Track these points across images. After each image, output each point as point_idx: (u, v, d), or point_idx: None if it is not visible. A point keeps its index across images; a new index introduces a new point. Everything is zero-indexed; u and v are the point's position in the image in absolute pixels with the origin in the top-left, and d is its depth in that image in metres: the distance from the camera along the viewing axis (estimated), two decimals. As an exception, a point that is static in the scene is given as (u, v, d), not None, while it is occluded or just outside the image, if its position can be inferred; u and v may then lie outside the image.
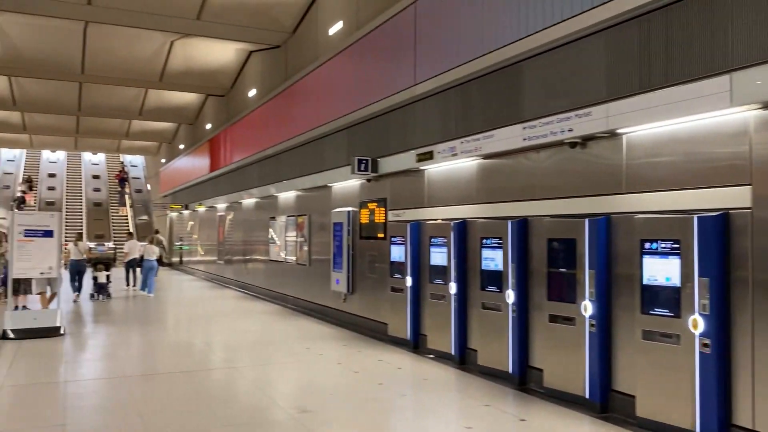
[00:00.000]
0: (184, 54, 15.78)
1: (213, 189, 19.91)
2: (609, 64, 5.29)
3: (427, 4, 7.75)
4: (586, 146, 5.63)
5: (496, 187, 6.84)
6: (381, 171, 9.08)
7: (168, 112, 22.40)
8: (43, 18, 12.56)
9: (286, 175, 13.07)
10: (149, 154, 33.53)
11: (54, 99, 20.25)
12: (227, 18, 12.45)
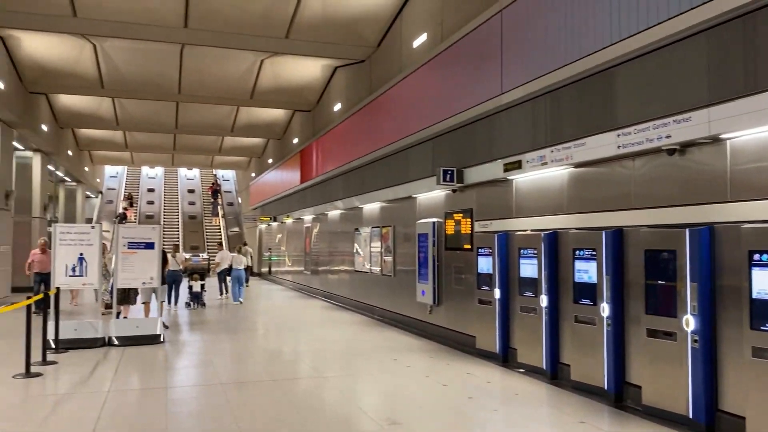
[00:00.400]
0: (273, 72, 16.31)
1: (300, 201, 20.40)
2: (710, 66, 5.03)
3: (513, 12, 7.65)
4: (686, 153, 5.36)
5: (588, 196, 6.64)
6: (466, 181, 9.01)
7: (258, 128, 23.19)
8: (143, 42, 13.33)
9: (370, 187, 13.21)
10: (240, 168, 34.82)
11: (153, 118, 21.42)
12: (314, 35, 12.77)
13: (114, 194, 38.02)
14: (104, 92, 17.06)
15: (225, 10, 11.60)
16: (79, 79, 16.04)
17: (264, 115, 21.81)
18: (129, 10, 11.47)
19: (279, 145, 24.72)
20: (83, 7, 11.23)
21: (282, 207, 23.23)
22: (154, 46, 13.95)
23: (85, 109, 20.41)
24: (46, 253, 12.88)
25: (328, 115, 17.25)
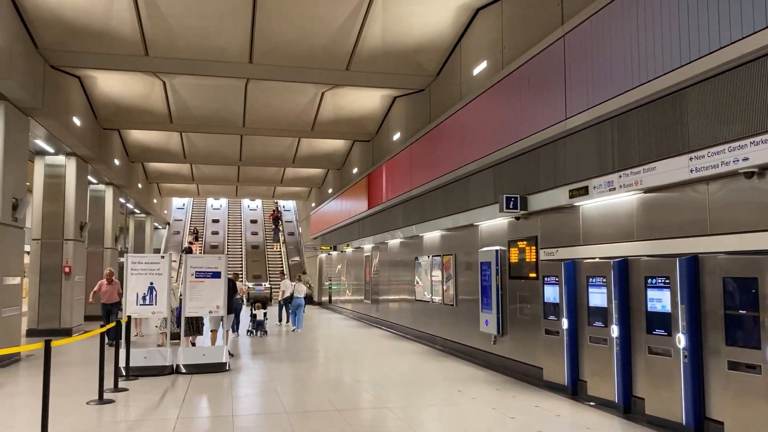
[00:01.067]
0: (333, 103, 16.60)
1: (360, 230, 20.53)
2: (790, 84, 4.82)
3: (576, 37, 7.56)
4: (765, 176, 5.12)
5: (660, 222, 6.41)
6: (530, 208, 8.87)
7: (318, 158, 23.58)
8: (210, 78, 13.82)
9: (430, 215, 13.17)
10: (300, 198, 35.41)
11: (218, 151, 22.09)
12: (374, 67, 12.95)
13: (180, 225, 39.27)
14: (173, 127, 17.72)
15: (288, 45, 11.93)
16: (149, 115, 16.74)
17: (324, 145, 22.18)
18: (198, 47, 11.93)
19: (339, 174, 25.04)
20: (155, 46, 11.76)
21: (342, 236, 23.42)
22: (221, 82, 14.44)
23: (154, 144, 21.26)
24: (112, 283, 13.32)
25: (388, 145, 17.39)
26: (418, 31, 11.56)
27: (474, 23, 11.21)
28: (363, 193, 19.36)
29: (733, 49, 5.16)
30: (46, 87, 11.85)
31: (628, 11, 6.54)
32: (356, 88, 15.01)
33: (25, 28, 10.67)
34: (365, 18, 10.94)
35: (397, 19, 11.10)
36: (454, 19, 11.17)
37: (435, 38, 11.85)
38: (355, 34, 11.54)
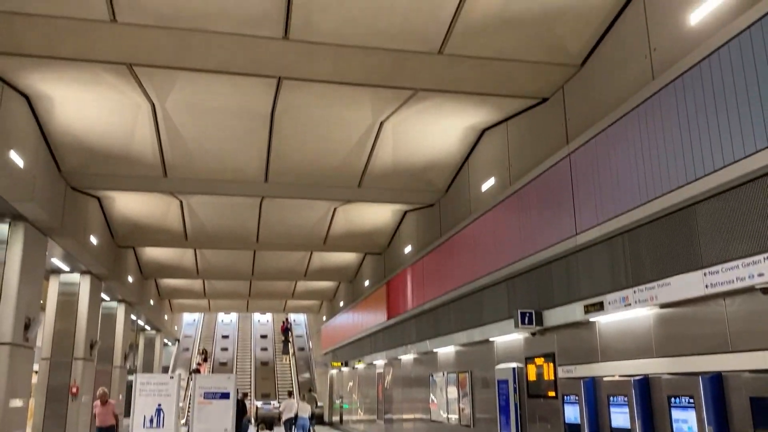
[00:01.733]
0: (345, 218, 16.90)
1: (371, 345, 20.18)
2: (797, 201, 4.89)
3: (582, 155, 7.79)
4: (783, 291, 5.08)
5: (678, 338, 6.28)
6: (546, 324, 8.75)
7: (330, 272, 23.65)
8: (226, 197, 14.21)
9: (444, 330, 12.99)
10: (311, 312, 35.15)
11: (231, 266, 22.25)
12: (385, 184, 13.30)
13: (190, 342, 38.82)
14: (188, 244, 17.98)
15: (302, 165, 12.34)
16: (165, 233, 17.05)
17: (336, 258, 22.32)
18: (215, 169, 12.36)
19: (350, 288, 25.00)
20: (174, 168, 12.20)
21: (354, 351, 23.00)
22: (236, 200, 14.82)
23: (168, 261, 21.48)
24: (106, 404, 12.91)
25: (399, 258, 17.48)
26: (427, 150, 11.96)
27: (480, 143, 11.61)
28: (375, 307, 19.22)
29: (741, 166, 5.28)
30: (66, 207, 12.20)
31: (631, 131, 6.78)
32: (368, 204, 15.33)
33: (50, 153, 11.15)
34: (376, 139, 11.37)
35: (406, 140, 11.52)
36: (461, 139, 11.57)
37: (443, 157, 12.23)
38: (367, 154, 11.94)
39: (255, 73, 8.85)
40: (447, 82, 9.07)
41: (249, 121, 10.72)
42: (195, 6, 7.31)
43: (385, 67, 8.59)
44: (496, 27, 7.68)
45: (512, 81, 8.92)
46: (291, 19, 7.45)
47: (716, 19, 5.80)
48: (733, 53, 5.40)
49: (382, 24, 7.66)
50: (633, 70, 7.09)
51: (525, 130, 9.93)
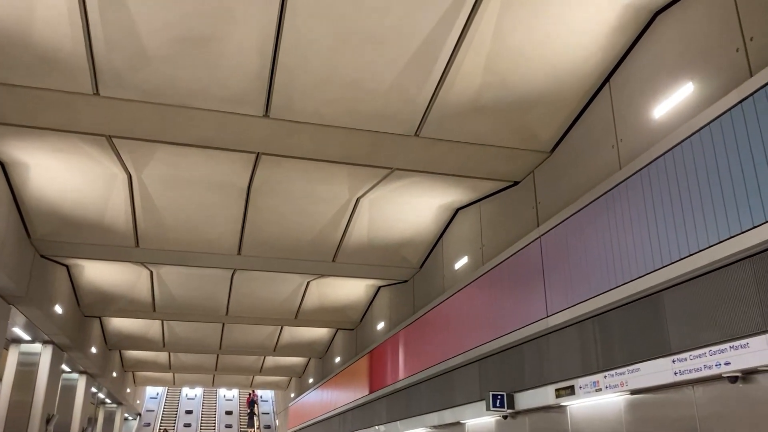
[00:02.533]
0: (318, 292, 16.78)
1: (340, 425, 19.62)
2: (761, 291, 5.02)
3: (552, 238, 7.96)
4: (749, 381, 5.14)
5: (649, 424, 6.26)
6: (518, 407, 8.66)
7: (300, 347, 23.23)
8: (197, 268, 14.06)
9: (415, 410, 12.73)
10: (279, 388, 34.21)
11: (199, 339, 21.75)
12: (359, 259, 13.33)
13: (152, 416, 37.30)
14: (156, 315, 17.61)
15: (277, 238, 12.35)
16: (133, 303, 16.70)
17: (307, 334, 21.97)
18: (188, 240, 12.30)
19: (321, 364, 24.50)
20: (146, 238, 12.11)
21: (323, 431, 22.31)
22: (207, 272, 14.66)
23: (134, 332, 20.94)
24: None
25: (371, 334, 17.29)
26: (402, 227, 12.09)
27: (454, 221, 11.79)
28: (345, 385, 18.82)
29: (706, 255, 5.43)
30: (32, 275, 11.95)
31: (600, 217, 6.97)
32: (342, 278, 15.28)
33: (21, 219, 11.02)
34: (352, 215, 11.49)
35: (382, 216, 11.66)
36: (436, 218, 11.75)
37: (418, 234, 12.36)
38: (342, 229, 12.03)
39: (234, 148, 8.98)
40: (423, 162, 9.29)
41: (225, 194, 10.78)
42: (178, 84, 7.48)
43: (364, 147, 8.80)
44: (470, 113, 7.98)
45: (485, 164, 9.18)
46: (272, 99, 7.66)
47: (679, 114, 6.12)
48: (695, 147, 5.67)
49: (362, 107, 7.91)
50: (600, 158, 7.37)
51: (497, 211, 10.14)
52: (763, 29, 5.26)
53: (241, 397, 40.07)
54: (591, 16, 6.58)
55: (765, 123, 4.94)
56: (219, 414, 38.49)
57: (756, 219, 4.91)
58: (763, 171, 4.91)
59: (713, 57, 5.78)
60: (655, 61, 6.58)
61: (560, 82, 7.46)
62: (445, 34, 6.80)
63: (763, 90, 4.97)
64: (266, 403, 40.26)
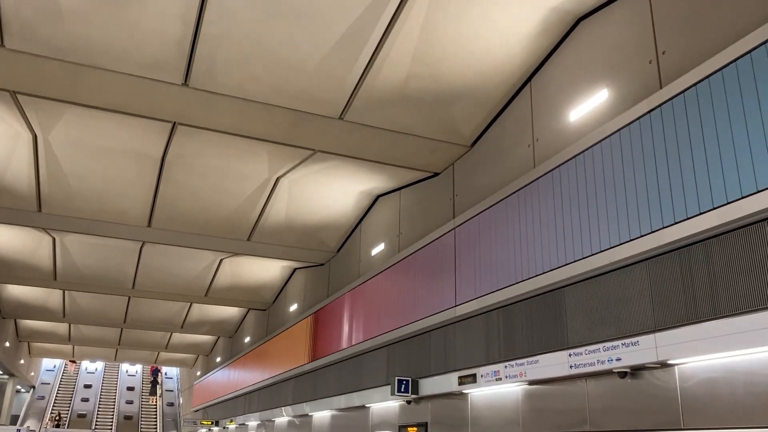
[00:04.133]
0: (231, 270, 16.46)
1: (246, 405, 19.43)
2: (654, 293, 5.31)
3: (465, 231, 8.12)
4: (637, 376, 5.45)
5: (543, 415, 6.54)
6: (421, 393, 8.83)
7: (209, 325, 22.78)
8: (103, 238, 13.46)
9: (323, 393, 12.76)
10: (186, 366, 33.46)
11: (102, 312, 20.92)
12: (276, 240, 13.17)
13: (47, 389, 35.59)
14: (56, 284, 16.78)
15: (190, 213, 12.00)
16: (32, 271, 15.83)
17: (217, 312, 21.55)
18: (96, 209, 11.75)
19: (230, 343, 24.13)
20: (50, 203, 11.48)
21: (227, 411, 22.02)
22: (114, 242, 14.06)
23: (32, 300, 19.88)
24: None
25: (284, 315, 17.16)
26: (322, 210, 12.02)
27: (374, 208, 11.83)
28: (254, 365, 18.63)
29: (605, 256, 5.70)
30: None
31: (511, 213, 7.17)
32: (256, 258, 15.05)
33: None
34: (271, 194, 11.30)
35: (301, 198, 11.54)
36: (356, 203, 11.75)
37: (337, 218, 12.33)
38: (260, 208, 11.83)
39: (149, 116, 8.63)
40: (345, 146, 9.25)
41: (137, 163, 10.35)
42: (93, 43, 7.09)
43: (286, 125, 8.65)
44: (395, 101, 7.99)
45: (407, 153, 9.24)
46: (192, 68, 7.40)
47: (592, 119, 6.36)
48: (604, 152, 5.91)
49: (287, 85, 7.76)
50: (517, 156, 7.57)
51: (416, 200, 10.25)
52: (676, 44, 5.53)
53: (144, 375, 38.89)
54: (517, 17, 6.71)
55: (670, 133, 5.20)
56: (120, 389, 37.22)
57: (654, 224, 5.19)
58: (664, 180, 5.18)
59: (628, 67, 6.03)
60: (574, 66, 6.80)
61: (485, 79, 7.59)
62: (375, 19, 6.77)
63: (671, 102, 5.24)
64: (171, 380, 39.27)
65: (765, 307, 4.30)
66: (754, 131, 4.48)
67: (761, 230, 4.44)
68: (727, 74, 4.77)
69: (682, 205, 4.96)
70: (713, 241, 4.81)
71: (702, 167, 4.85)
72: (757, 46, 4.54)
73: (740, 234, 4.60)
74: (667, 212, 5.09)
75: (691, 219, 4.86)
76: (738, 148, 4.58)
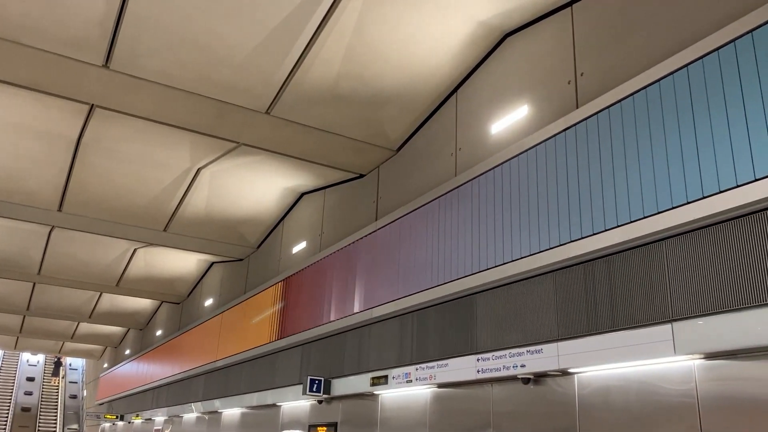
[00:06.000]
0: (145, 261, 15.95)
1: (154, 400, 18.86)
2: (558, 304, 5.54)
3: (386, 233, 8.21)
4: (539, 383, 5.66)
5: (450, 417, 6.69)
6: (333, 393, 8.85)
7: (119, 316, 21.97)
8: (8, 220, 12.76)
9: (234, 390, 12.56)
10: (92, 357, 32.11)
11: (3, 297, 19.78)
12: (194, 232, 12.87)
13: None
14: (-48, 266, 15.78)
15: (105, 199, 11.54)
16: (-75, 250, 14.82)
17: (128, 303, 20.80)
18: (2, 189, 11.13)
19: (140, 335, 23.36)
20: (-50, 179, 10.80)
21: (133, 405, 21.29)
22: (20, 225, 13.34)
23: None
24: None
25: (198, 310, 16.77)
26: (243, 204, 11.84)
27: (298, 205, 11.76)
28: (165, 359, 18.10)
29: (514, 266, 5.90)
30: None
31: (431, 219, 7.31)
32: (172, 249, 14.64)
33: None
34: (191, 185, 11.04)
35: (223, 190, 11.33)
36: (279, 199, 11.64)
37: (259, 213, 12.18)
38: (179, 199, 11.52)
39: (66, 96, 8.25)
40: (271, 141, 9.15)
41: (51, 144, 9.87)
42: (9, 16, 6.72)
43: (211, 116, 8.48)
44: (324, 100, 7.98)
45: (333, 153, 9.24)
46: (115, 49, 7.14)
47: (512, 133, 6.58)
48: (521, 165, 6.12)
49: (214, 74, 7.61)
50: (440, 163, 7.72)
51: (341, 200, 10.27)
52: (593, 67, 5.80)
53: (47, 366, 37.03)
54: (448, 28, 6.85)
55: (582, 152, 5.45)
56: (19, 380, 35.29)
57: (562, 238, 5.42)
58: (574, 196, 5.42)
59: (548, 85, 6.28)
60: (498, 80, 7.01)
61: (414, 85, 7.70)
62: (309, 15, 6.74)
63: (585, 122, 5.49)
64: (75, 371, 37.56)
65: (658, 322, 4.57)
66: (658, 156, 4.75)
67: (659, 249, 4.71)
68: (638, 99, 5.04)
69: (588, 221, 5.21)
70: (615, 257, 5.07)
71: (609, 186, 5.11)
72: (666, 76, 4.82)
73: (639, 252, 4.87)
74: (574, 227, 5.33)
75: (596, 235, 5.11)
76: (643, 171, 4.85)
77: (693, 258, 4.46)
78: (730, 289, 4.17)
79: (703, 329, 4.27)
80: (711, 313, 4.24)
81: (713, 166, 4.35)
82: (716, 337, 4.19)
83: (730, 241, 4.25)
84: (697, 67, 4.62)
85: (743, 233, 4.17)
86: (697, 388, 4.35)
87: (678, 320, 4.44)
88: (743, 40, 4.32)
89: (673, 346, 4.41)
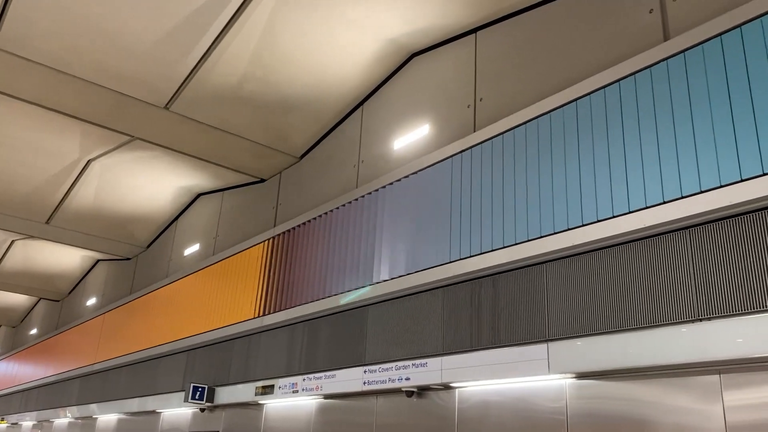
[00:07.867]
0: (23, 254, 14.91)
1: (23, 403, 17.58)
2: (445, 319, 5.68)
3: (283, 240, 8.12)
4: (422, 396, 5.77)
5: (334, 426, 6.68)
6: (217, 401, 8.60)
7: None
8: None
9: (112, 395, 11.94)
10: (-45, 355, 29.53)
11: None
12: (79, 227, 12.19)
13: None
14: None
15: (-18, 185, 10.75)
16: None
17: (1, 297, 19.35)
18: None
19: (12, 333, 21.76)
20: None
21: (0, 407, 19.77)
22: None
23: None
24: None
25: (79, 309, 15.85)
26: (135, 201, 11.35)
27: (193, 206, 11.41)
28: (38, 359, 16.95)
29: (405, 281, 6.00)
30: None
31: (328, 230, 7.31)
32: (55, 244, 13.77)
33: None
34: (79, 177, 10.46)
35: (113, 186, 10.81)
36: (174, 198, 11.25)
37: (151, 212, 11.71)
38: (64, 191, 10.89)
39: (-58, 71, 7.62)
40: (168, 138, 8.84)
41: None
42: None
43: (105, 106, 8.09)
44: (227, 100, 7.81)
45: (234, 155, 9.05)
46: (2, 26, 6.66)
47: (412, 150, 6.71)
48: (420, 181, 6.25)
49: (112, 63, 7.27)
50: (342, 174, 7.74)
51: (239, 204, 10.06)
52: (492, 93, 6.03)
53: None
54: (358, 41, 6.91)
55: (476, 174, 5.63)
56: None
57: (452, 255, 5.57)
58: (465, 215, 5.58)
59: (449, 107, 6.46)
60: (403, 98, 7.14)
61: (321, 94, 7.69)
62: (217, 12, 6.59)
63: (480, 146, 5.68)
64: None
65: (535, 341, 4.78)
66: (544, 184, 5.00)
67: (540, 271, 4.94)
68: (529, 128, 5.29)
69: (477, 240, 5.38)
70: (500, 276, 5.26)
71: (498, 208, 5.31)
72: (559, 107, 5.09)
73: (523, 273, 5.09)
74: (464, 245, 5.49)
75: (483, 254, 5.29)
76: (529, 197, 5.08)
77: (569, 281, 4.71)
78: (602, 313, 4.43)
79: (576, 350, 4.51)
80: (583, 335, 4.49)
81: (593, 196, 4.63)
82: (587, 358, 4.43)
83: (604, 267, 4.53)
84: (585, 102, 4.91)
85: (617, 260, 4.46)
86: (567, 406, 4.58)
87: (553, 340, 4.67)
88: (627, 81, 4.65)
89: (547, 365, 4.62)
